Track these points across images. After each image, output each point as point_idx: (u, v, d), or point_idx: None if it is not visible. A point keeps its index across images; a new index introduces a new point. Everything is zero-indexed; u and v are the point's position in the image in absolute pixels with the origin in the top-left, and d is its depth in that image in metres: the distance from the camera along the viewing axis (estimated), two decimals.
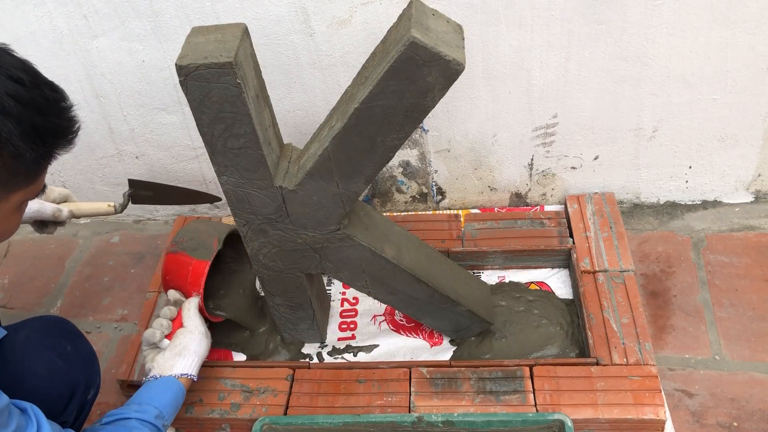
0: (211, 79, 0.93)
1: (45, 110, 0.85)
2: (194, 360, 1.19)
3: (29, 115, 0.83)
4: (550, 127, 1.50)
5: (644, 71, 1.39)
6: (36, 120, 0.84)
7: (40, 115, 0.84)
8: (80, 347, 1.14)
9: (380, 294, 1.28)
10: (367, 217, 1.22)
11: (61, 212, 1.29)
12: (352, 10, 1.33)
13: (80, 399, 1.11)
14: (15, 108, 0.81)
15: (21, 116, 0.82)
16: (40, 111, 0.84)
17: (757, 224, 1.57)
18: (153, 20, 1.39)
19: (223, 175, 1.08)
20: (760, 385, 1.28)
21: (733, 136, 1.49)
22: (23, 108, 0.82)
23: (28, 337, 1.08)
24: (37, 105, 0.84)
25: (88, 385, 1.12)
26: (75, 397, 1.09)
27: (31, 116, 0.83)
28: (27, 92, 0.83)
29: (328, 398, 1.28)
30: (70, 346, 1.12)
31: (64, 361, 1.09)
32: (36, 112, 0.84)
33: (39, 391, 1.04)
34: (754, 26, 1.31)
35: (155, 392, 1.12)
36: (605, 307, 1.35)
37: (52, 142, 0.88)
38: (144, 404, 1.08)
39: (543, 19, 1.32)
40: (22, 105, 0.82)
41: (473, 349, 1.36)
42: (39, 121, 0.84)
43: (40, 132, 0.85)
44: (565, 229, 1.54)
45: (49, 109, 0.86)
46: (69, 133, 0.90)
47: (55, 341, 1.10)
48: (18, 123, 0.82)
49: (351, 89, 1.04)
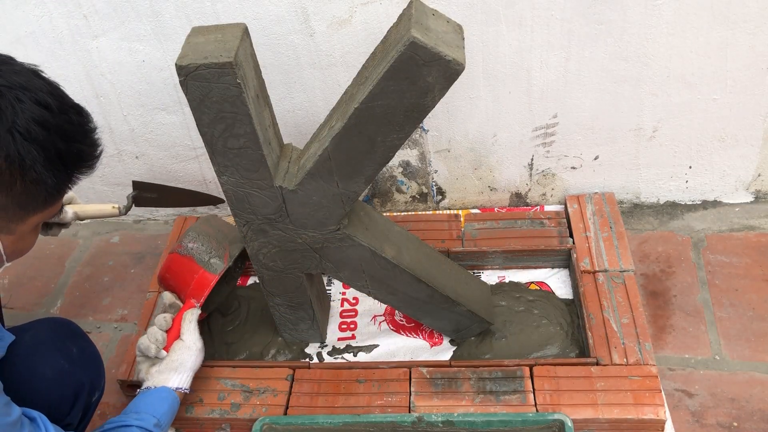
0: (211, 79, 0.93)
1: (70, 136, 0.85)
2: (189, 375, 1.20)
3: (54, 141, 0.83)
4: (550, 127, 1.50)
5: (644, 71, 1.39)
6: (60, 146, 0.84)
7: (64, 141, 0.84)
8: (86, 349, 1.14)
9: (380, 294, 1.28)
10: (367, 217, 1.22)
11: (66, 214, 1.29)
12: (352, 10, 1.33)
13: (85, 401, 1.11)
14: (41, 134, 0.81)
15: (45, 143, 0.82)
16: (65, 137, 0.85)
17: (757, 224, 1.57)
18: (153, 20, 1.39)
19: (223, 175, 1.08)
20: (760, 385, 1.28)
21: (733, 136, 1.49)
22: (48, 134, 0.82)
23: (34, 340, 1.08)
24: (62, 131, 0.84)
25: (93, 387, 1.13)
26: (80, 399, 1.09)
27: (56, 142, 0.83)
28: (53, 118, 0.83)
29: (328, 398, 1.28)
30: (76, 348, 1.12)
31: (70, 363, 1.09)
32: (61, 138, 0.84)
33: (45, 393, 1.04)
34: (754, 26, 1.31)
35: (152, 401, 1.13)
36: (605, 307, 1.35)
37: (74, 168, 0.89)
38: (142, 413, 1.09)
39: (543, 19, 1.32)
40: (48, 131, 0.82)
41: (473, 349, 1.36)
42: (63, 147, 0.84)
43: (64, 158, 0.85)
44: (565, 229, 1.54)
45: (74, 135, 0.86)
46: (91, 158, 0.90)
47: (60, 343, 1.10)
48: (42, 149, 0.82)
49: (351, 89, 1.04)
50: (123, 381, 1.38)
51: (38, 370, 1.05)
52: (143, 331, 1.44)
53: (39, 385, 1.04)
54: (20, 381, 1.01)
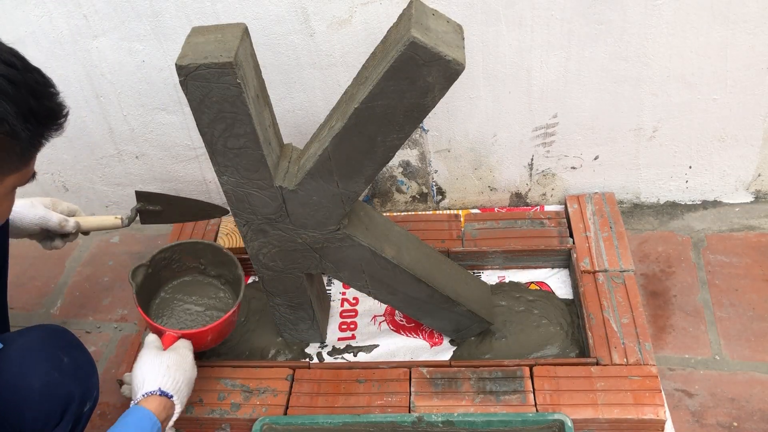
0: (211, 79, 0.93)
1: (37, 93, 0.87)
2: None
3: (23, 97, 0.85)
4: (550, 127, 1.50)
5: (644, 71, 1.39)
6: (30, 102, 0.86)
7: (33, 98, 0.86)
8: (78, 359, 1.11)
9: (380, 294, 1.28)
10: (367, 217, 1.22)
11: (67, 222, 1.27)
12: (352, 10, 1.33)
13: (75, 411, 1.07)
14: (10, 89, 0.83)
15: (15, 97, 0.84)
16: (33, 94, 0.87)
17: (757, 224, 1.57)
18: (153, 20, 1.39)
19: (223, 175, 1.08)
20: (760, 385, 1.28)
21: (733, 136, 1.49)
22: (17, 90, 0.84)
23: (24, 348, 1.05)
24: (29, 88, 0.86)
25: (84, 398, 1.09)
26: (69, 411, 1.06)
27: (26, 98, 0.85)
28: (20, 75, 0.85)
29: (328, 398, 1.28)
30: (68, 357, 1.08)
31: (60, 374, 1.05)
32: (29, 94, 0.86)
33: (32, 404, 1.02)
34: (754, 26, 1.31)
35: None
36: (605, 307, 1.35)
37: (45, 124, 0.90)
38: None
39: (543, 19, 1.32)
40: (17, 87, 0.84)
41: (473, 349, 1.36)
42: (33, 103, 0.86)
43: (35, 113, 0.87)
44: (565, 229, 1.54)
45: (41, 93, 0.88)
46: (60, 116, 0.92)
47: (51, 353, 1.07)
48: (14, 103, 0.84)
49: (351, 89, 1.04)
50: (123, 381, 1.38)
51: (26, 381, 1.02)
52: (143, 331, 1.45)
53: (26, 395, 1.01)
54: (8, 392, 0.99)
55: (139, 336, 1.44)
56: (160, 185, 1.71)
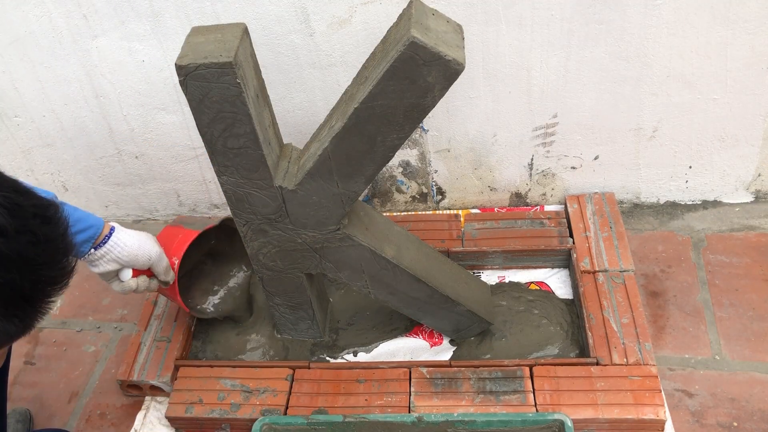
0: (211, 78, 0.93)
1: (35, 263, 0.63)
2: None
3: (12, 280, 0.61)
4: (550, 127, 1.50)
5: (644, 71, 1.39)
6: (24, 284, 0.62)
7: (29, 272, 0.63)
8: None
9: (380, 294, 1.28)
10: (367, 217, 1.22)
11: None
12: (352, 10, 1.33)
13: None
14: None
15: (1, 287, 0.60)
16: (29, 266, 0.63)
17: (757, 224, 1.56)
18: (153, 20, 1.39)
19: (223, 175, 1.08)
20: (760, 385, 1.28)
21: (733, 136, 1.49)
22: (5, 270, 0.60)
23: None
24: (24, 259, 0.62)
25: None
26: None
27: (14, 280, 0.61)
28: (8, 244, 0.61)
29: (328, 398, 1.28)
30: None
31: None
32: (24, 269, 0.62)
33: None
34: (754, 26, 1.31)
35: None
36: (605, 307, 1.35)
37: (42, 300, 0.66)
38: None
39: (543, 19, 1.32)
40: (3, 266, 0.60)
41: (473, 349, 1.36)
42: (27, 281, 0.62)
43: (28, 296, 0.64)
44: (565, 229, 1.54)
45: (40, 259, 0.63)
46: (64, 277, 0.67)
47: None
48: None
49: (351, 89, 1.04)
50: (123, 381, 1.38)
51: None
52: (143, 331, 1.45)
53: None
54: None
55: (139, 336, 1.44)
56: (161, 185, 1.71)
